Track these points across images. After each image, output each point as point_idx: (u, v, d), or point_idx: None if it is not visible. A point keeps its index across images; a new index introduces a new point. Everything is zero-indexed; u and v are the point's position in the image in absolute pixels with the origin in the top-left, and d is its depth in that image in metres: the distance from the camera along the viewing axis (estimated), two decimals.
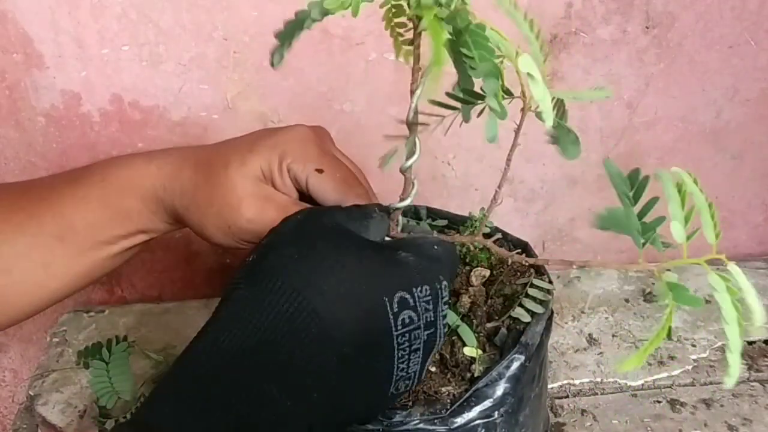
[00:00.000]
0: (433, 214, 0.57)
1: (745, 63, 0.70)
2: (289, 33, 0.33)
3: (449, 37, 0.30)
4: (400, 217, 0.44)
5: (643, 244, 0.31)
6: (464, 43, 0.31)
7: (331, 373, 0.35)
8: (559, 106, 0.37)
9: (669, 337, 0.31)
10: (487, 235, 0.54)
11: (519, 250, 0.51)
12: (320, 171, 0.45)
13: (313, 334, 0.35)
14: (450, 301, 0.40)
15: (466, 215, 0.56)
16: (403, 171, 0.40)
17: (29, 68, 0.64)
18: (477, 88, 0.35)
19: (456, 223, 0.56)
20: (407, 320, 0.37)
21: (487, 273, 0.51)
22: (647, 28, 0.67)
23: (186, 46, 0.64)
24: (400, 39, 0.37)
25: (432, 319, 0.38)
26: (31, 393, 0.65)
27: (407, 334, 0.37)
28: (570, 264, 0.35)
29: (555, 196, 0.77)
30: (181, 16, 0.62)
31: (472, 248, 0.52)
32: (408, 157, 0.39)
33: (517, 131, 0.36)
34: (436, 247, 0.41)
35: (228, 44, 0.64)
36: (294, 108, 0.68)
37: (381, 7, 0.34)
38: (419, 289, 0.37)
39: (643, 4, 0.66)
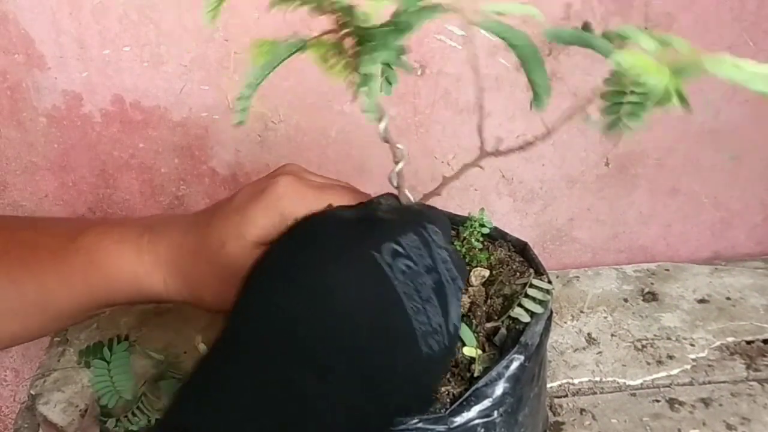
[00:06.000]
0: None
1: None
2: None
3: None
4: (405, 188, 0.44)
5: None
6: None
7: (354, 343, 0.34)
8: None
9: None
10: (486, 236, 0.55)
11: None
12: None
13: (321, 307, 0.34)
14: (448, 246, 0.39)
15: (465, 215, 0.56)
16: (384, 138, 0.40)
17: (30, 69, 0.64)
18: None
19: (456, 223, 0.56)
20: (404, 268, 0.36)
21: (487, 273, 0.51)
22: (646, 29, 0.67)
23: (187, 46, 0.64)
24: None
25: (431, 264, 0.37)
26: (33, 392, 0.65)
27: (410, 283, 0.35)
28: None
29: (554, 196, 0.77)
30: (182, 17, 0.63)
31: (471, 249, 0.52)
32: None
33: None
34: (416, 207, 0.43)
35: (229, 45, 0.64)
36: (294, 109, 0.68)
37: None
38: (406, 237, 0.37)
39: (642, 5, 0.66)
